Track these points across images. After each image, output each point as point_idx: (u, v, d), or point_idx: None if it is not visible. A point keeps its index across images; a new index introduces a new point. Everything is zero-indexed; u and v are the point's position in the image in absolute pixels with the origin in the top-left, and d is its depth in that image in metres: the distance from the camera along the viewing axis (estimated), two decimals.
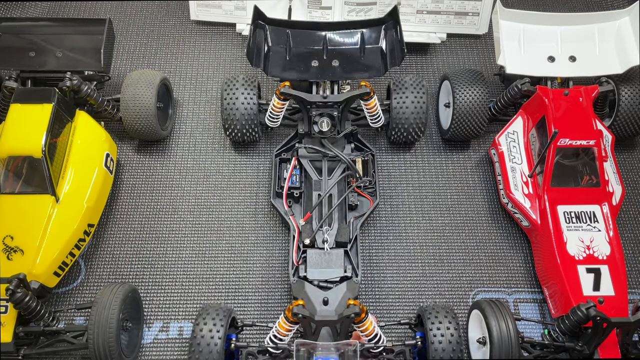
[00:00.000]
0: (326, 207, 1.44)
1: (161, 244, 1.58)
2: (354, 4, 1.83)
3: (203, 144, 1.75)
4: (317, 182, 1.48)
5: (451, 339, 1.24)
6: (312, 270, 1.34)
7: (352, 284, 1.32)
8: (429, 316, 1.28)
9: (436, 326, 1.25)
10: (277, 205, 1.50)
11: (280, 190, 1.51)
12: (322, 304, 1.26)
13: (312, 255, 1.37)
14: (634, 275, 1.55)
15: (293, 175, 1.51)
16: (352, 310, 1.19)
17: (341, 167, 1.51)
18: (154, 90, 1.61)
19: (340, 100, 1.49)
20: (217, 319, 1.26)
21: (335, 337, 1.24)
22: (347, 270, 1.34)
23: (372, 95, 1.52)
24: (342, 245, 1.39)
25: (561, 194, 1.48)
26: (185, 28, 2.00)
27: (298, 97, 1.50)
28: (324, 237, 1.38)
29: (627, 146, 1.77)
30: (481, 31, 1.93)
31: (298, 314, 1.20)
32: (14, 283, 1.25)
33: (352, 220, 1.46)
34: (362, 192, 1.53)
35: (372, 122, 1.60)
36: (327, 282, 1.33)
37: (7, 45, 1.60)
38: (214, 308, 1.29)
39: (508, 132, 1.62)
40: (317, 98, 1.50)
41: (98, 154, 1.53)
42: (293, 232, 1.42)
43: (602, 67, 1.63)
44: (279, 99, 1.52)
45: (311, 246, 1.39)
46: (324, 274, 1.34)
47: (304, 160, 1.53)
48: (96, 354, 1.26)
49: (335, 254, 1.37)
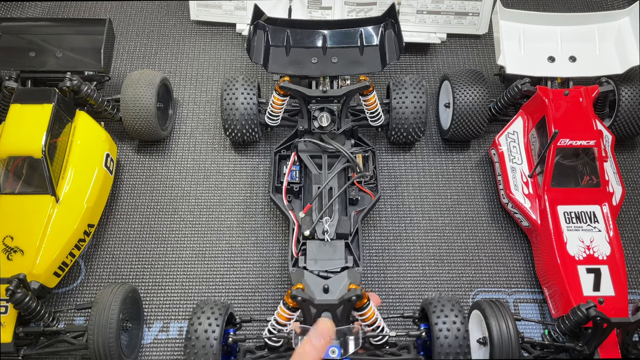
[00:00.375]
0: (326, 199, 1.43)
1: (161, 244, 1.58)
2: (354, 4, 1.83)
3: (203, 144, 1.75)
4: (317, 176, 1.48)
5: (457, 333, 1.20)
6: (312, 261, 1.31)
7: (354, 273, 1.27)
8: (434, 309, 1.24)
9: (442, 320, 1.21)
10: (276, 200, 1.50)
11: (280, 185, 1.51)
12: (322, 292, 1.19)
13: (312, 247, 1.34)
14: (634, 275, 1.56)
15: (292, 171, 1.51)
16: (353, 293, 1.14)
17: (341, 161, 1.51)
18: (154, 90, 1.61)
19: (340, 94, 1.50)
20: (215, 313, 1.23)
21: (336, 323, 1.18)
22: (348, 261, 1.32)
23: (371, 90, 1.52)
24: (343, 236, 1.38)
25: (561, 194, 1.48)
26: (185, 28, 2.00)
27: (298, 92, 1.50)
28: (325, 228, 1.36)
29: (627, 146, 1.77)
30: (481, 31, 1.93)
31: (297, 296, 1.15)
32: (14, 283, 1.25)
33: (353, 215, 1.46)
34: (363, 187, 1.52)
35: (371, 120, 1.61)
36: (328, 272, 1.29)
37: (7, 45, 1.60)
38: (210, 303, 1.27)
39: (508, 132, 1.62)
40: (317, 92, 1.51)
41: (98, 154, 1.54)
42: (292, 225, 1.41)
43: (602, 67, 1.63)
44: (279, 95, 1.53)
45: (311, 238, 1.37)
46: (325, 265, 1.30)
47: (304, 155, 1.53)
48: (96, 354, 1.26)
49: (336, 244, 1.35)
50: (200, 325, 1.21)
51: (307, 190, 1.50)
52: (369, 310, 1.20)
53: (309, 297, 1.15)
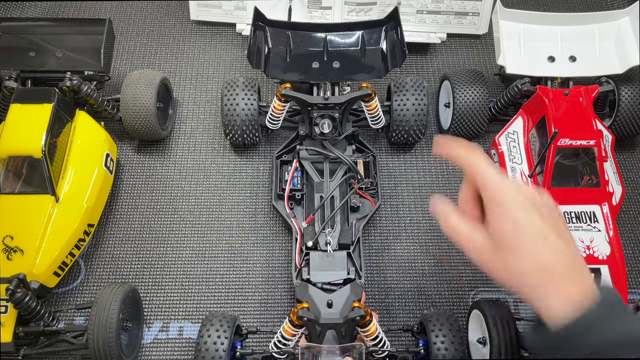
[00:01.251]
0: (328, 209, 1.44)
1: (161, 244, 1.58)
2: (354, 4, 1.83)
3: (203, 144, 1.75)
4: (319, 184, 1.48)
5: (455, 353, 1.26)
6: (315, 273, 1.34)
7: (356, 287, 1.33)
8: (432, 328, 1.29)
9: (440, 339, 1.27)
10: (278, 207, 1.50)
11: (282, 192, 1.51)
12: (326, 307, 1.26)
13: (315, 258, 1.37)
14: (634, 275, 1.56)
15: (295, 177, 1.51)
16: (357, 313, 1.20)
17: (343, 168, 1.51)
18: (154, 90, 1.61)
19: (341, 102, 1.49)
20: (221, 329, 1.26)
21: (340, 339, 1.24)
22: (350, 273, 1.35)
23: (373, 96, 1.52)
24: (345, 247, 1.39)
25: (561, 194, 1.48)
26: (185, 28, 2.00)
27: (299, 99, 1.49)
28: (327, 240, 1.38)
29: (627, 146, 1.77)
30: (481, 31, 1.93)
31: (303, 317, 1.20)
32: (14, 283, 1.26)
33: (355, 222, 1.46)
34: (364, 194, 1.53)
35: (372, 123, 1.60)
36: (331, 284, 1.33)
37: (7, 45, 1.60)
38: (218, 317, 1.30)
39: (508, 132, 1.62)
40: (318, 100, 1.50)
41: (98, 154, 1.54)
42: (295, 234, 1.42)
43: (602, 67, 1.63)
44: (280, 101, 1.52)
45: (314, 248, 1.39)
46: (327, 276, 1.34)
47: (305, 162, 1.53)
48: (96, 354, 1.27)
49: (338, 256, 1.37)
50: (210, 337, 1.25)
51: (309, 197, 1.50)
52: (372, 326, 1.24)
53: (314, 318, 1.21)
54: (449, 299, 1.50)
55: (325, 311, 1.26)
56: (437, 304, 1.49)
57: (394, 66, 1.55)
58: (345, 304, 1.28)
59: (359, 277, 1.35)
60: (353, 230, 1.43)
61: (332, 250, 1.37)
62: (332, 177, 1.50)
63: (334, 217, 1.42)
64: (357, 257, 1.40)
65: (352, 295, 1.30)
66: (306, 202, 1.51)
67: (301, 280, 1.35)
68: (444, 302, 1.50)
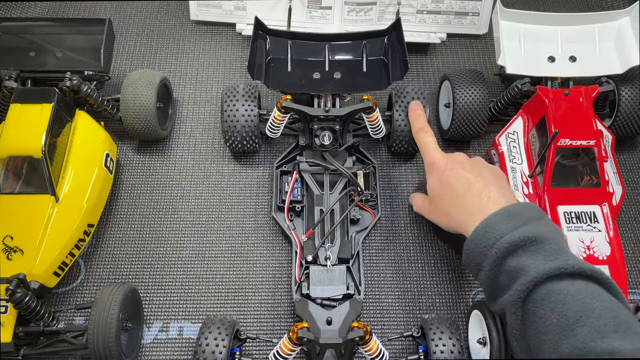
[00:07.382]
0: (328, 224, 1.44)
1: (161, 244, 1.58)
2: (354, 4, 1.83)
3: (203, 144, 1.75)
4: (319, 197, 1.48)
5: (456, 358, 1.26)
6: (314, 288, 1.35)
7: (355, 303, 1.33)
8: (432, 336, 1.28)
9: (440, 348, 1.26)
10: (278, 219, 1.51)
11: (282, 204, 1.51)
12: (325, 324, 1.27)
13: (314, 272, 1.37)
14: (634, 275, 1.56)
15: (295, 189, 1.50)
16: (356, 334, 1.21)
17: (343, 180, 1.51)
18: (154, 90, 1.61)
19: (342, 114, 1.48)
20: (219, 337, 1.25)
21: (339, 359, 1.26)
22: (349, 287, 1.35)
23: (374, 108, 1.51)
24: (345, 261, 1.39)
25: (561, 194, 1.48)
26: (185, 28, 2.00)
27: (300, 111, 1.48)
28: (327, 254, 1.38)
29: (627, 146, 1.77)
30: (481, 31, 1.93)
31: (303, 337, 1.21)
32: (13, 283, 1.25)
33: (354, 235, 1.46)
34: (364, 206, 1.52)
35: (373, 133, 1.59)
36: (330, 299, 1.33)
37: (7, 45, 1.60)
38: (216, 324, 1.29)
39: (508, 133, 1.62)
40: (319, 112, 1.48)
41: (98, 154, 1.53)
42: (295, 247, 1.42)
43: (602, 67, 1.63)
44: (280, 112, 1.51)
45: (313, 262, 1.39)
46: (327, 291, 1.34)
47: (306, 174, 1.52)
48: (96, 354, 1.26)
49: (338, 271, 1.37)
50: (208, 346, 1.24)
51: (309, 209, 1.50)
52: (373, 344, 1.25)
53: (314, 338, 1.22)
54: (449, 299, 1.50)
55: (325, 329, 1.26)
56: (438, 305, 1.49)
57: (396, 79, 1.53)
58: (345, 321, 1.28)
59: (358, 292, 1.36)
60: (352, 243, 1.43)
61: (332, 265, 1.37)
62: (332, 190, 1.50)
63: (334, 231, 1.41)
64: (357, 271, 1.40)
65: (351, 312, 1.31)
66: (306, 214, 1.50)
67: (301, 296, 1.35)
68: (444, 302, 1.50)
